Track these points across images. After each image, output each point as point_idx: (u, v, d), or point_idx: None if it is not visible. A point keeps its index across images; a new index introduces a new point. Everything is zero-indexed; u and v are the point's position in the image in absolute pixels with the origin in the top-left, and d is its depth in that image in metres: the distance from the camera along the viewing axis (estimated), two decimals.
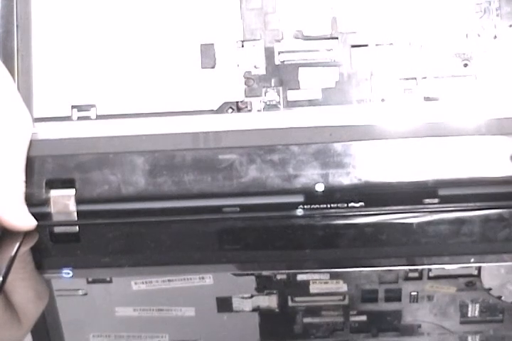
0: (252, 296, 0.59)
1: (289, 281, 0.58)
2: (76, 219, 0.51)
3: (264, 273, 0.58)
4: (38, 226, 0.49)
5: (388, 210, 0.50)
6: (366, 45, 0.54)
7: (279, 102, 0.54)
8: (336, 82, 0.54)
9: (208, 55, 0.54)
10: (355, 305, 0.59)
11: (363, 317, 0.60)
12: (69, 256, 0.52)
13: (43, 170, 0.51)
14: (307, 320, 0.60)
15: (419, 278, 0.58)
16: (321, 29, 0.54)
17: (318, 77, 0.54)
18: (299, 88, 0.54)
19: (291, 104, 0.54)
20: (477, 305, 0.59)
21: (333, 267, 0.53)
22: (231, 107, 0.54)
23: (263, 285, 0.58)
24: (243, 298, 0.59)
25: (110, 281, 0.58)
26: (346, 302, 0.59)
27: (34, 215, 0.49)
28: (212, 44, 0.54)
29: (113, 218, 0.51)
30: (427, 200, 0.50)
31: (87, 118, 0.54)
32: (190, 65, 0.54)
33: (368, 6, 0.54)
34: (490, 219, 0.50)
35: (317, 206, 0.51)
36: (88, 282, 0.59)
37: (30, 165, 0.50)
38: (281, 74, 0.54)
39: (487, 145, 0.50)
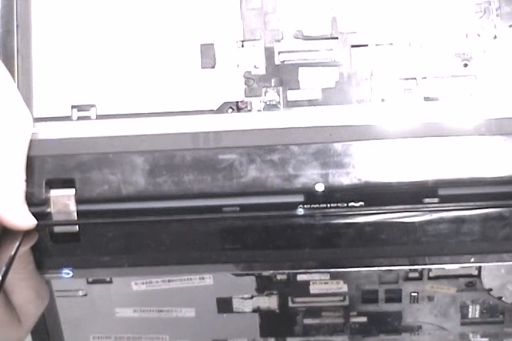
0: (252, 297, 0.59)
1: (289, 282, 0.58)
2: (76, 218, 0.51)
3: (264, 273, 0.58)
4: (37, 226, 0.49)
5: (388, 210, 0.50)
6: (366, 45, 0.54)
7: (279, 102, 0.54)
8: (335, 82, 0.54)
9: (207, 55, 0.54)
10: (355, 305, 0.59)
11: (364, 318, 0.60)
12: (69, 256, 0.51)
13: (43, 169, 0.51)
14: (307, 321, 0.60)
15: (420, 278, 0.58)
16: (321, 29, 0.54)
17: (318, 77, 0.54)
18: (299, 88, 0.54)
19: (291, 104, 0.54)
20: (477, 306, 0.59)
21: (333, 267, 0.53)
22: (231, 107, 0.54)
23: (263, 286, 0.58)
24: (243, 298, 0.59)
25: (110, 282, 0.59)
26: (347, 302, 0.60)
27: (34, 215, 0.49)
28: (212, 44, 0.54)
29: (113, 218, 0.51)
30: (427, 200, 0.50)
31: (87, 118, 0.54)
32: (190, 65, 0.54)
33: (368, 6, 0.54)
34: (490, 218, 0.49)
35: (317, 206, 0.50)
36: (88, 282, 0.59)
37: (30, 165, 0.50)
38: (281, 74, 0.54)
39: (487, 145, 0.50)
